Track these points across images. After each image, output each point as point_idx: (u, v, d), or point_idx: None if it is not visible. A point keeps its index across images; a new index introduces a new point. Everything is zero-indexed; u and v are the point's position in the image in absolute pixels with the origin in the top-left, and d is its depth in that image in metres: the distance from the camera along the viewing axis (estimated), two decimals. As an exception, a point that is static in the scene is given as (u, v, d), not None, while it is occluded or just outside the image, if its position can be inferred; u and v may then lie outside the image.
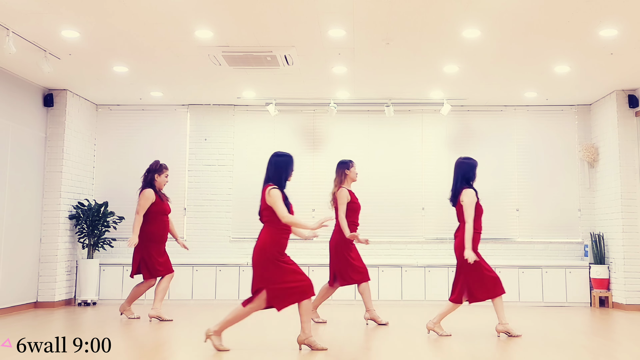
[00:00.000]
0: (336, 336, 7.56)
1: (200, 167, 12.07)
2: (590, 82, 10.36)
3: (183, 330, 8.16)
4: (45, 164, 10.82)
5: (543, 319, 9.39)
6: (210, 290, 11.29)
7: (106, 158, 12.13)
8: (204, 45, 8.60)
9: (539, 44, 8.43)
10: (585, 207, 11.77)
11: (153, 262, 9.04)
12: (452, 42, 8.43)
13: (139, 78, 10.31)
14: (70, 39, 8.35)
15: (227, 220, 11.95)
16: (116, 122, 12.20)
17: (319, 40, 8.36)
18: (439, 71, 9.80)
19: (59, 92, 10.96)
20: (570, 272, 11.22)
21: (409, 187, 11.92)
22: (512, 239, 11.80)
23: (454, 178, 7.78)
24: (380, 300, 11.11)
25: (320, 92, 11.12)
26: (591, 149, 11.50)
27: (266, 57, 9.00)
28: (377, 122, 12.12)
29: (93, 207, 11.16)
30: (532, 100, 11.68)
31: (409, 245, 11.79)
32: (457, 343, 7.12)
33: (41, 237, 10.68)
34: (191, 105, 12.18)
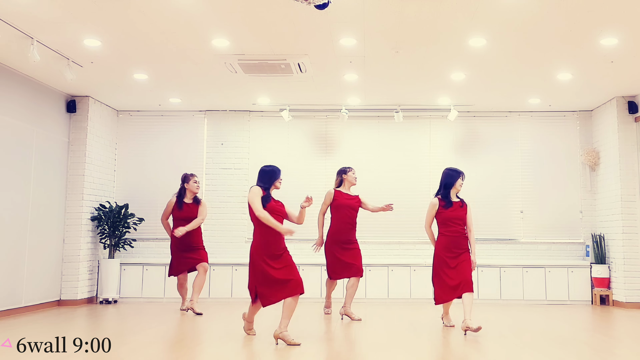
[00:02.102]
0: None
1: (217, 171, 12.08)
2: (591, 88, 10.32)
3: (202, 326, 8.17)
4: (68, 167, 10.86)
5: (546, 316, 9.36)
6: (227, 288, 11.30)
7: (127, 162, 12.16)
8: (220, 53, 8.62)
9: (542, 52, 8.41)
10: (587, 209, 11.73)
11: (172, 261, 9.72)
12: (458, 51, 8.42)
13: (158, 85, 10.34)
14: (92, 48, 8.38)
15: (243, 221, 11.94)
16: (136, 128, 12.24)
17: (331, 48, 8.36)
18: (446, 78, 9.78)
19: (81, 98, 11.00)
20: (572, 272, 11.18)
21: (417, 190, 11.87)
22: (517, 240, 11.76)
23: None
24: (389, 298, 11.09)
25: (332, 98, 11.12)
26: (592, 153, 11.45)
27: (280, 65, 9.01)
28: (386, 127, 12.11)
29: (114, 209, 11.19)
30: (535, 107, 11.64)
31: (417, 245, 11.75)
32: (457, 340, 7.10)
33: (64, 238, 10.72)
34: (208, 111, 12.20)
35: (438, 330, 7.85)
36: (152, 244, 11.84)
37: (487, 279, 11.13)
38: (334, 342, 6.96)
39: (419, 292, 11.15)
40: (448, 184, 7.86)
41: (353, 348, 6.62)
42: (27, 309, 9.61)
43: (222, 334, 7.47)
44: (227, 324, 8.38)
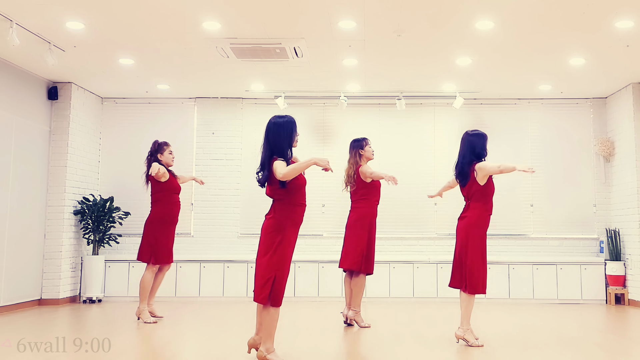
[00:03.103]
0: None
1: (207, 162, 12.09)
2: (605, 74, 10.33)
3: (190, 328, 8.20)
4: (50, 158, 10.87)
5: (557, 316, 9.40)
6: (218, 287, 11.32)
7: (112, 152, 12.17)
8: (211, 37, 8.62)
9: (553, 35, 8.41)
10: (601, 202, 11.75)
11: (161, 247, 8.76)
12: (464, 34, 8.42)
13: (145, 71, 10.34)
14: (75, 31, 8.38)
15: (235, 215, 11.98)
16: (122, 116, 12.24)
17: (329, 31, 8.36)
18: (452, 63, 9.79)
19: (64, 85, 11.01)
20: (586, 269, 11.21)
21: (420, 182, 11.87)
22: (526, 235, 11.79)
23: (460, 153, 7.27)
24: (391, 297, 11.12)
25: (330, 84, 11.14)
26: (607, 143, 11.47)
27: (275, 49, 9.01)
28: (388, 115, 12.12)
29: (98, 202, 11.20)
30: (546, 94, 11.66)
31: (420, 241, 11.79)
32: (460, 342, 7.13)
33: (45, 233, 10.74)
34: (198, 98, 12.21)
35: (444, 332, 7.87)
36: (139, 240, 11.75)
37: (495, 276, 11.14)
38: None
39: (423, 290, 11.18)
40: (483, 152, 7.22)
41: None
42: (5, 309, 9.61)
43: (212, 335, 7.50)
44: (218, 325, 8.41)
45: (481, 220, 7.02)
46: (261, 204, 11.93)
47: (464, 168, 7.15)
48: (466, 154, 7.17)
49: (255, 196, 11.68)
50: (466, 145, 7.20)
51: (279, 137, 5.99)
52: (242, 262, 11.32)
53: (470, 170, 7.09)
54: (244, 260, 11.32)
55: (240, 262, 11.33)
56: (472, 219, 7.01)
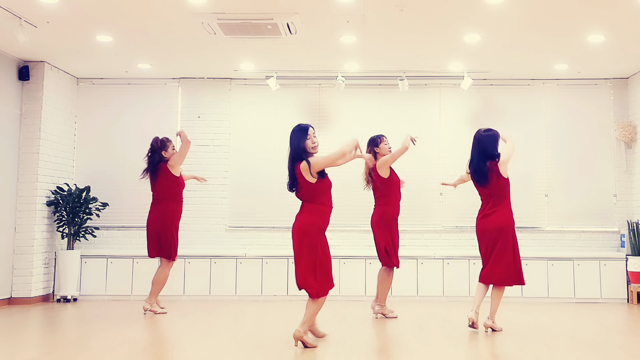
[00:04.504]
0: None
1: (193, 148, 11.92)
2: (627, 53, 10.33)
3: (175, 328, 8.22)
4: (20, 144, 10.85)
5: (574, 316, 9.43)
6: (205, 284, 11.32)
7: (88, 138, 12.16)
8: (197, 12, 8.60)
9: (570, 10, 8.41)
10: (622, 192, 11.76)
11: (176, 244, 9.69)
12: (473, 9, 8.42)
13: (125, 49, 10.32)
14: (48, 5, 8.35)
15: (222, 207, 11.99)
16: (99, 98, 12.22)
17: (325, 6, 8.36)
18: (459, 41, 9.79)
19: (36, 64, 10.98)
20: (605, 265, 11.22)
21: (425, 170, 11.90)
22: (540, 228, 11.82)
23: (474, 152, 8.13)
24: (394, 296, 11.07)
25: (327, 64, 11.13)
26: (628, 127, 11.47)
27: (266, 25, 9.01)
28: (389, 97, 12.12)
29: (73, 192, 11.20)
30: (562, 74, 11.66)
31: (425, 234, 11.81)
32: (481, 340, 7.17)
33: (15, 226, 10.73)
34: (183, 79, 12.20)
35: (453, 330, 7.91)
36: (118, 233, 11.87)
37: (506, 273, 11.16)
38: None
39: (427, 289, 11.20)
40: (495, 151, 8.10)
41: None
42: (-27, 309, 9.65)
43: (199, 337, 7.52)
44: (206, 325, 8.43)
45: (511, 213, 8.08)
46: (251, 195, 12.00)
47: (481, 167, 7.93)
48: (480, 154, 7.97)
49: (244, 186, 11.73)
50: (480, 145, 8.00)
51: (292, 143, 6.99)
52: (230, 258, 11.33)
53: (488, 170, 7.89)
54: (233, 256, 11.33)
55: (228, 257, 11.34)
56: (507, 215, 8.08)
